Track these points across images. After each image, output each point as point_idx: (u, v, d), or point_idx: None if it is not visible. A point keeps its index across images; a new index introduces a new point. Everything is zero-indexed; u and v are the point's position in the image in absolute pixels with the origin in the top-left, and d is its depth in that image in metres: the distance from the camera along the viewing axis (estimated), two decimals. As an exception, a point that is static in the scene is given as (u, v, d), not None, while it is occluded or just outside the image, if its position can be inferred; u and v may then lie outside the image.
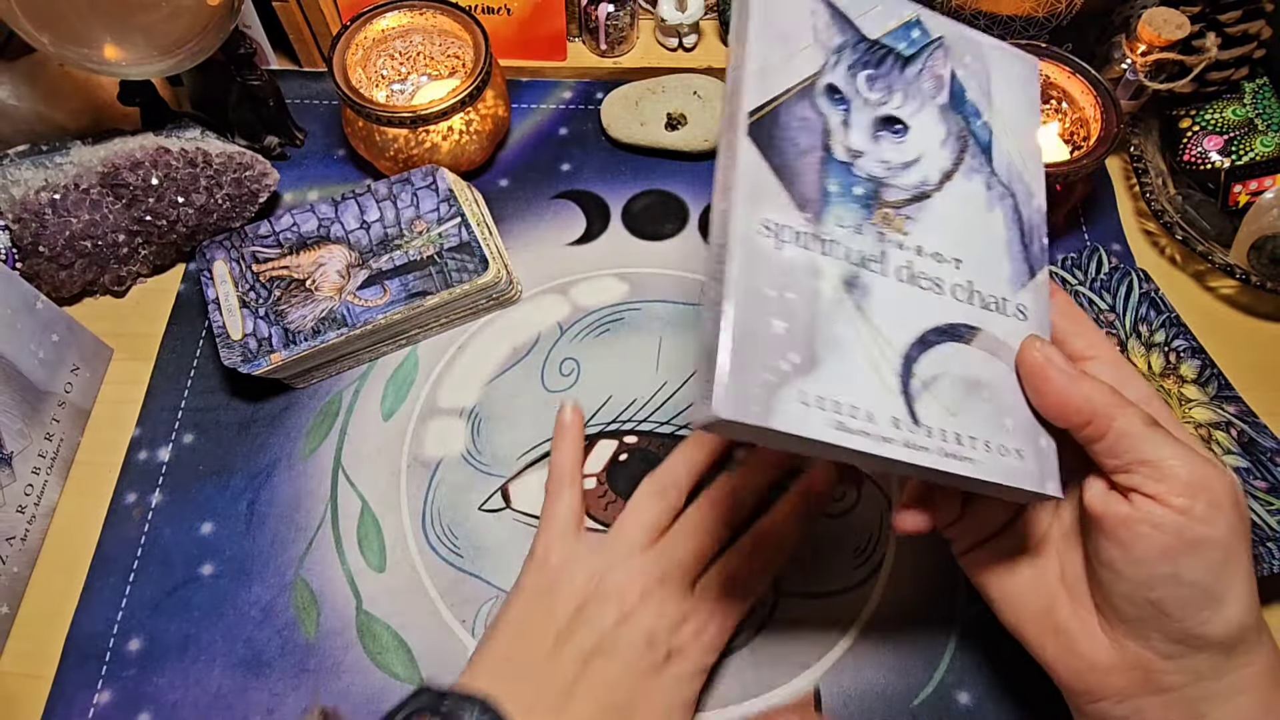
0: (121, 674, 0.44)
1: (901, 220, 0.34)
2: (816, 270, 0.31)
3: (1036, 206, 0.36)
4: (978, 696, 0.43)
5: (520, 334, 0.53)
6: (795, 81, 0.34)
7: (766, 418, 0.28)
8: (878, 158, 0.34)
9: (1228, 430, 0.45)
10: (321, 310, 0.49)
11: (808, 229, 0.32)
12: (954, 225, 0.34)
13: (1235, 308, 0.55)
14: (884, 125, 0.35)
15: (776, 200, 0.32)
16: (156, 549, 0.47)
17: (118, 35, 0.48)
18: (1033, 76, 0.38)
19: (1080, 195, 0.54)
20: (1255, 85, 0.56)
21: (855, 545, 0.46)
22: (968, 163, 0.35)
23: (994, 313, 0.33)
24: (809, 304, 0.31)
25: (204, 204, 0.53)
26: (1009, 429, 0.32)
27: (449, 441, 0.50)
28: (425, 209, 0.52)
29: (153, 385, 0.52)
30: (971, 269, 0.34)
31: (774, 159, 0.33)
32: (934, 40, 0.37)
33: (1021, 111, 0.37)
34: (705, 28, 0.65)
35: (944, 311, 0.33)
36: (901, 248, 0.33)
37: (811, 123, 0.34)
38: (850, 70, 0.35)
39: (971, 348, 0.32)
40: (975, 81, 0.37)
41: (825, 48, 0.35)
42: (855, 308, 0.31)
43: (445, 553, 0.47)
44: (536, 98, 0.64)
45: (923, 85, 0.36)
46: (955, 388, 0.32)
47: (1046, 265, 0.35)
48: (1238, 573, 0.30)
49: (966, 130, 0.36)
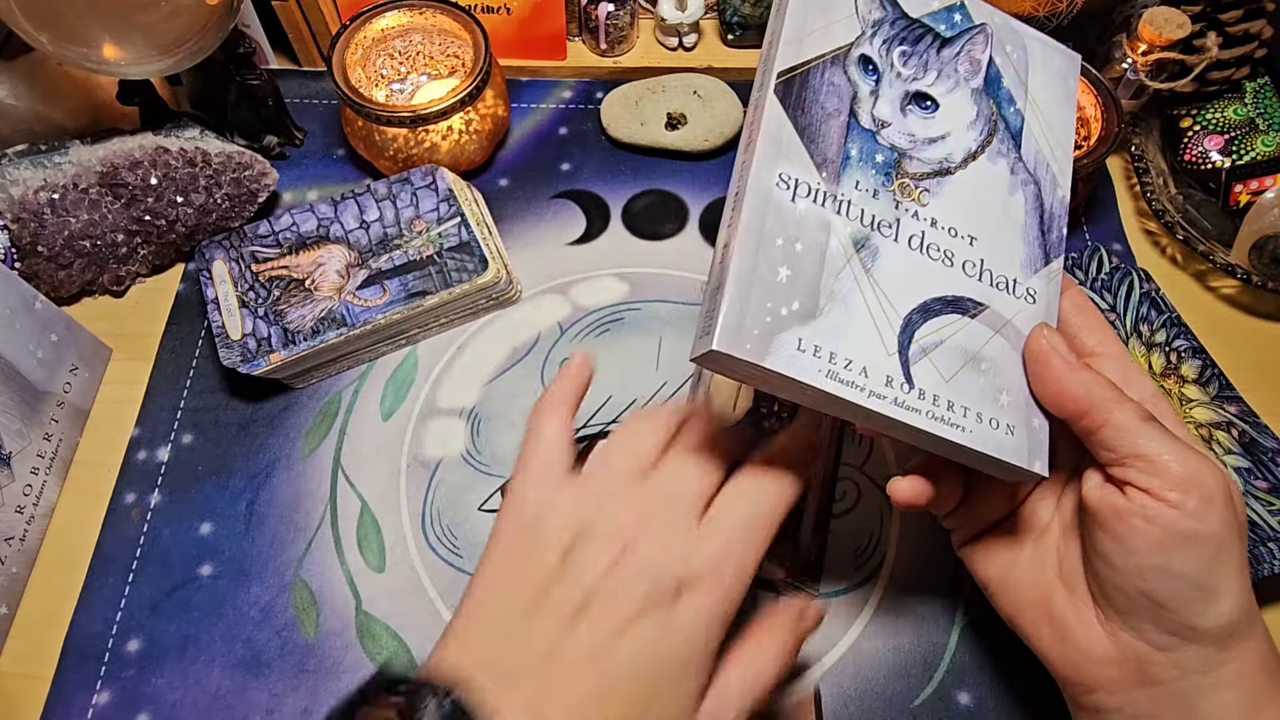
0: (120, 674, 0.44)
1: (920, 192, 0.35)
2: (828, 226, 0.32)
3: (1060, 197, 0.37)
4: (978, 696, 0.42)
5: (520, 334, 0.53)
6: (829, 49, 0.35)
7: (762, 356, 0.30)
8: (904, 130, 0.35)
9: (1229, 430, 0.45)
10: (321, 310, 0.49)
11: (824, 187, 0.33)
12: (973, 203, 0.35)
13: (1236, 307, 0.55)
14: (914, 100, 0.36)
15: (797, 156, 0.33)
16: (155, 549, 0.47)
17: (117, 34, 0.48)
18: (1073, 71, 0.39)
19: (1081, 195, 0.54)
20: (1256, 85, 0.56)
21: (855, 545, 0.46)
22: (995, 146, 0.36)
23: (1003, 292, 0.34)
24: (817, 257, 0.32)
25: (203, 204, 0.52)
26: (1004, 405, 0.33)
27: (449, 442, 0.50)
28: (425, 209, 0.52)
29: (152, 385, 0.52)
30: (985, 248, 0.35)
31: (798, 118, 0.34)
32: (976, 26, 0.38)
33: (1058, 103, 0.38)
34: (705, 27, 0.65)
35: (952, 284, 0.34)
36: (917, 217, 0.34)
37: (840, 89, 0.35)
38: (886, 44, 0.36)
39: (976, 322, 0.33)
40: (1013, 70, 0.38)
41: (864, 20, 0.36)
42: (863, 267, 0.32)
43: (445, 553, 0.47)
44: (536, 97, 0.64)
45: (958, 66, 0.37)
46: (954, 357, 0.33)
47: (1063, 254, 0.36)
48: (1230, 567, 0.30)
49: (998, 114, 0.37)
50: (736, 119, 0.59)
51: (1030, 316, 0.34)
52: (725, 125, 0.59)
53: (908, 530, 0.47)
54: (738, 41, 0.64)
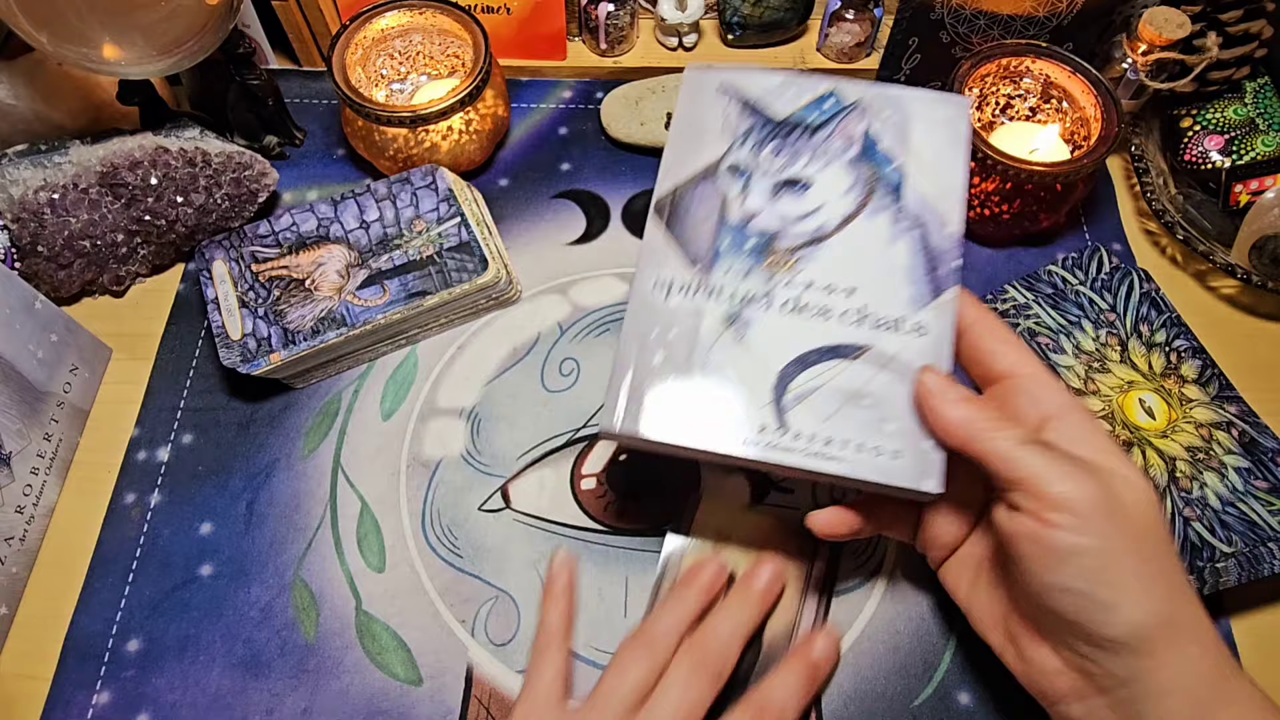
0: (120, 674, 0.44)
1: (794, 261, 0.39)
2: (699, 312, 0.38)
3: (949, 233, 0.39)
4: (978, 696, 0.42)
5: (520, 334, 0.53)
6: (702, 166, 0.41)
7: (638, 428, 0.36)
8: (776, 214, 0.40)
9: (1229, 430, 0.45)
10: (321, 310, 0.49)
11: (695, 280, 0.39)
12: (851, 259, 0.39)
13: (1236, 308, 0.55)
14: (784, 186, 0.41)
15: (672, 261, 0.39)
16: (155, 549, 0.47)
17: (116, 34, 0.48)
18: (960, 114, 0.42)
19: (1081, 195, 0.54)
20: (1256, 84, 0.56)
21: (855, 546, 0.46)
22: (874, 204, 0.40)
23: (888, 332, 0.38)
24: (689, 340, 0.38)
25: (203, 204, 0.52)
26: (889, 433, 0.36)
27: (449, 441, 0.50)
28: (425, 209, 0.52)
29: (152, 385, 0.52)
30: (867, 295, 0.38)
31: (674, 229, 0.40)
32: (847, 106, 0.42)
33: (945, 149, 0.41)
34: (705, 27, 0.65)
35: (828, 335, 0.38)
36: (790, 284, 0.39)
37: (710, 197, 0.41)
38: (756, 147, 0.41)
39: (858, 363, 0.37)
40: (891, 132, 0.42)
41: (734, 132, 0.42)
42: (734, 339, 0.38)
43: (445, 553, 0.47)
44: (536, 97, 0.64)
45: (831, 146, 0.41)
46: (833, 398, 0.37)
47: (956, 285, 0.38)
48: (1124, 576, 0.31)
49: (876, 176, 0.41)
50: (736, 119, 0.59)
51: (920, 348, 0.37)
52: (725, 125, 0.59)
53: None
54: (738, 41, 0.64)
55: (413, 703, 0.43)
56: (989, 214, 0.53)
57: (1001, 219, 0.53)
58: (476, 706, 0.43)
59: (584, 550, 0.46)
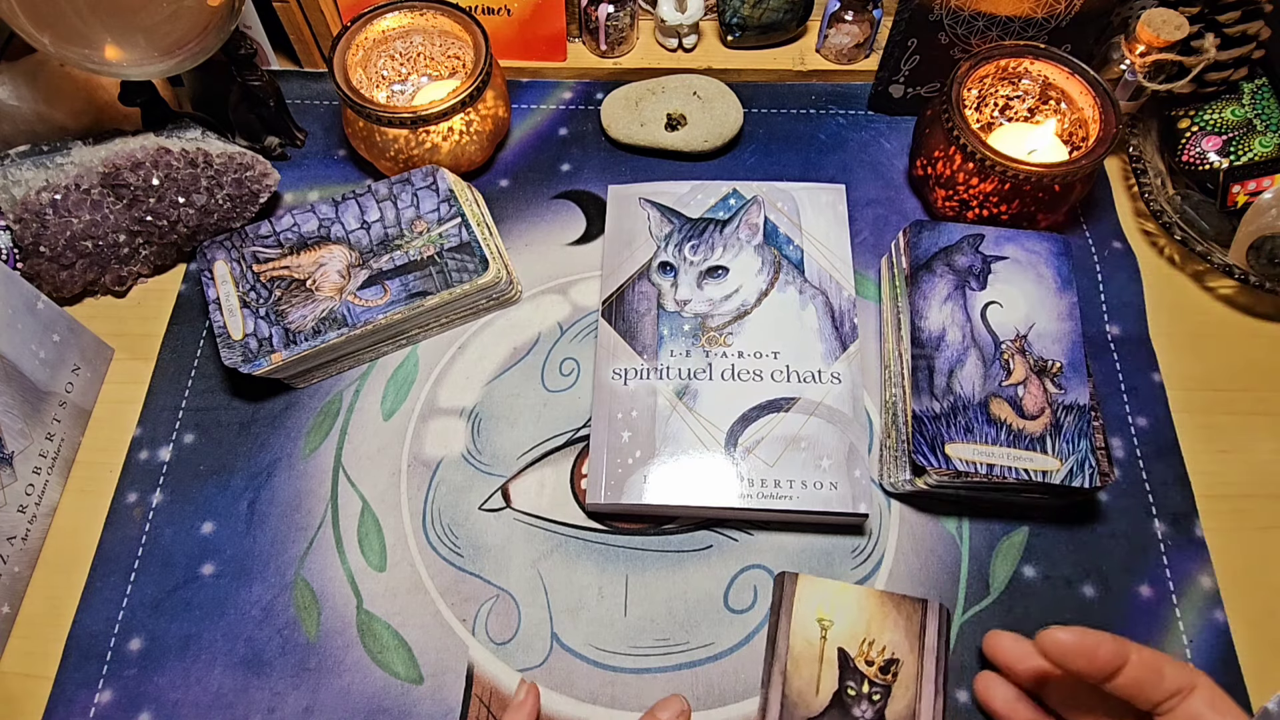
0: (122, 673, 0.44)
1: (725, 337, 0.48)
2: (654, 391, 0.46)
3: (847, 296, 0.49)
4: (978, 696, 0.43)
5: (520, 334, 0.53)
6: (635, 269, 0.51)
7: (620, 497, 0.44)
8: (704, 299, 0.49)
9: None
10: (322, 310, 0.49)
11: (646, 365, 0.47)
12: (772, 326, 0.48)
13: (1234, 308, 0.55)
14: (707, 274, 0.50)
15: (624, 353, 0.48)
16: (157, 549, 0.47)
17: (118, 36, 0.48)
18: (840, 198, 0.53)
19: (1079, 195, 0.54)
20: (1254, 86, 0.57)
21: (855, 545, 0.47)
22: (782, 279, 0.49)
23: (811, 383, 0.46)
24: (649, 416, 0.46)
25: (204, 204, 0.53)
26: (825, 468, 0.44)
27: (449, 441, 0.50)
28: (425, 209, 0.52)
29: (153, 385, 0.52)
30: (790, 355, 0.47)
31: (620, 326, 0.49)
32: (749, 200, 0.52)
33: (831, 227, 0.52)
34: (705, 29, 0.65)
35: (764, 392, 0.46)
36: (725, 356, 0.47)
37: (648, 293, 0.50)
38: (678, 246, 0.51)
39: (791, 413, 0.45)
40: (786, 218, 0.52)
41: (657, 237, 0.51)
42: (686, 409, 0.46)
43: (445, 552, 0.47)
44: (536, 98, 0.64)
45: (740, 235, 0.51)
46: (775, 446, 0.44)
47: (857, 339, 0.47)
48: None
49: (780, 256, 0.50)
50: (736, 120, 0.60)
51: (839, 394, 0.46)
52: (724, 126, 0.59)
53: (906, 531, 0.47)
54: (737, 43, 0.64)
55: (414, 701, 0.43)
56: (988, 215, 0.54)
57: (1000, 220, 0.53)
58: (477, 705, 0.43)
59: (584, 550, 0.47)
